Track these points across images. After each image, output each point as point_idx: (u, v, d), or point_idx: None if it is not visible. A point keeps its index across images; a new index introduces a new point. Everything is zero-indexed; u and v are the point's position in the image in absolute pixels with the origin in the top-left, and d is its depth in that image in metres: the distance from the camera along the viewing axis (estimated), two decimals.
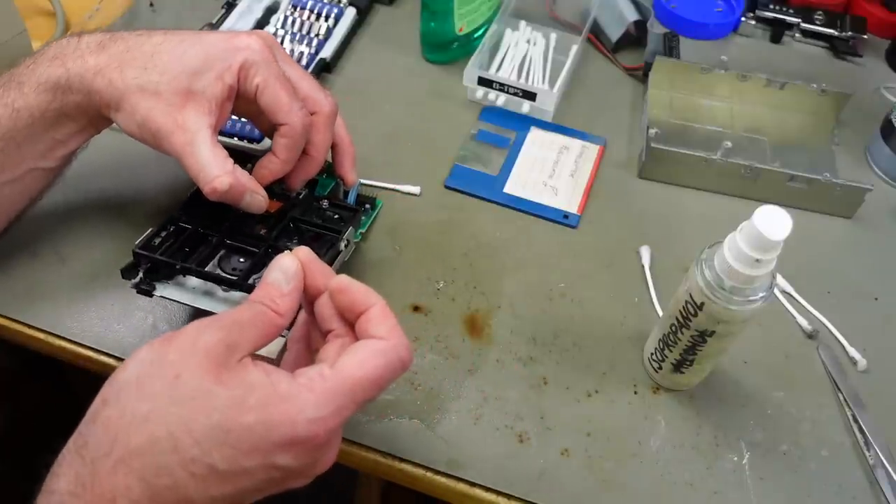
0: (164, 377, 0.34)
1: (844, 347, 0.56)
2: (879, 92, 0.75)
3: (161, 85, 0.46)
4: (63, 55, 0.48)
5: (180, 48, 0.47)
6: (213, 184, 0.46)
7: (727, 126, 0.69)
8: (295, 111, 0.49)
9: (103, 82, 0.47)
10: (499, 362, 0.53)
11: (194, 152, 0.46)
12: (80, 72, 0.47)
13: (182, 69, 0.46)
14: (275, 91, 0.48)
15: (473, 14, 0.71)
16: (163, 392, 0.34)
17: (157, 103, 0.46)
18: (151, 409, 0.34)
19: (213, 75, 0.47)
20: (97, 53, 0.48)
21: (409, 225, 0.60)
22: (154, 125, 0.46)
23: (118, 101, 0.47)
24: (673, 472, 0.49)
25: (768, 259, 0.42)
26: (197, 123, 0.46)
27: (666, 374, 0.52)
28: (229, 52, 0.47)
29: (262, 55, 0.48)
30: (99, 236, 0.57)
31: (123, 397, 0.34)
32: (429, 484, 0.49)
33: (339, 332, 0.40)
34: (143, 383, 0.34)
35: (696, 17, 0.66)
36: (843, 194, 0.63)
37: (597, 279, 0.59)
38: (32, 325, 0.53)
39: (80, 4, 0.74)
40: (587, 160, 0.66)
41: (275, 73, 0.48)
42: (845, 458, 0.51)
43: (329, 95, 0.52)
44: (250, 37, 0.48)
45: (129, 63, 0.47)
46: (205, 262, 0.50)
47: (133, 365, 0.35)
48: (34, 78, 0.48)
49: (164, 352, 0.35)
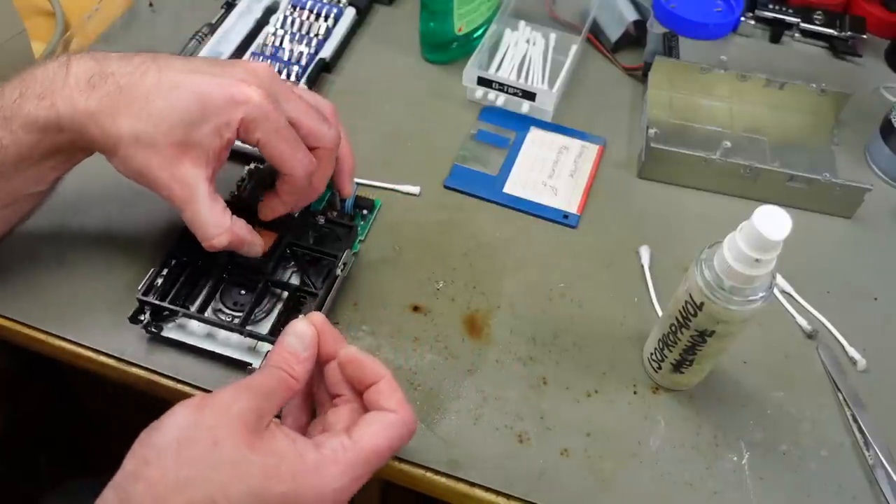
0: (203, 442, 0.37)
1: (844, 347, 0.56)
2: (879, 92, 0.75)
3: (157, 136, 0.44)
4: (52, 92, 0.45)
5: (175, 94, 0.45)
6: (211, 242, 0.47)
7: (727, 126, 0.69)
8: (298, 160, 0.48)
9: (97, 130, 0.45)
10: (498, 362, 0.53)
11: (193, 209, 0.46)
12: (71, 114, 0.45)
13: (178, 119, 0.44)
14: (276, 147, 0.47)
15: (473, 14, 0.71)
16: (202, 457, 0.36)
17: (154, 156, 0.45)
18: (192, 474, 0.36)
19: (211, 128, 0.45)
20: (87, 94, 0.45)
21: (409, 225, 0.60)
22: (151, 176, 0.46)
23: (113, 149, 0.45)
24: (672, 472, 0.49)
25: (768, 259, 0.42)
26: (195, 178, 0.46)
27: (665, 374, 0.52)
28: (228, 106, 0.45)
29: (263, 109, 0.45)
30: (99, 236, 0.57)
31: (164, 459, 0.36)
32: (428, 484, 0.49)
33: (348, 398, 0.43)
34: (183, 447, 0.37)
35: (695, 17, 0.66)
36: (842, 194, 0.63)
37: (596, 279, 0.59)
38: (32, 325, 0.53)
39: (79, 5, 0.74)
40: (587, 160, 0.66)
41: (275, 127, 0.46)
42: (845, 458, 0.51)
43: (332, 126, 0.51)
44: (250, 87, 0.45)
45: (122, 109, 0.45)
46: (208, 300, 0.52)
47: (171, 428, 0.37)
48: (22, 115, 0.45)
49: (201, 417, 0.38)
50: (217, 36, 0.70)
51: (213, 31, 0.71)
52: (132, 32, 0.73)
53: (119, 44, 0.71)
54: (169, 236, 0.57)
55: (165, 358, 0.52)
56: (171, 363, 0.51)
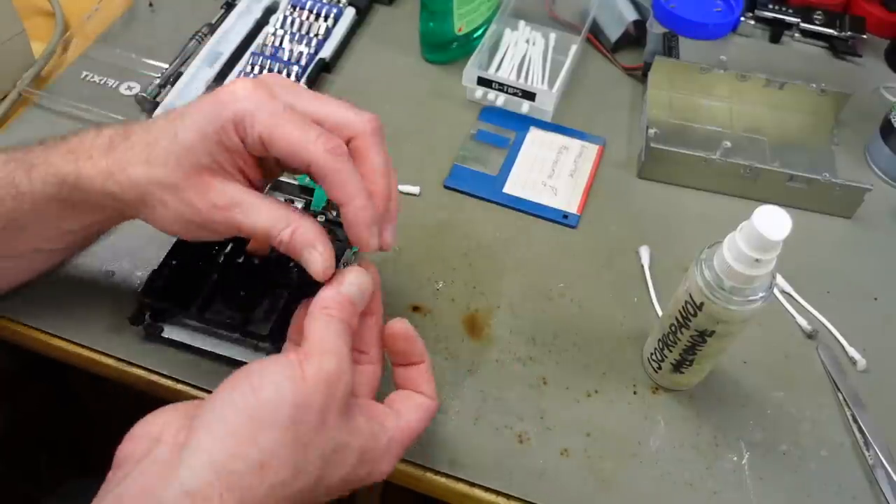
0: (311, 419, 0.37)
1: (844, 347, 0.56)
2: (879, 92, 0.75)
3: (170, 177, 0.42)
4: (78, 151, 0.44)
5: (172, 128, 0.42)
6: (280, 237, 0.41)
7: (726, 126, 0.69)
8: (312, 141, 0.40)
9: (116, 186, 0.43)
10: (498, 362, 0.53)
11: (243, 213, 0.41)
12: (90, 174, 0.43)
13: (181, 150, 0.41)
14: (283, 132, 0.40)
15: (473, 14, 0.71)
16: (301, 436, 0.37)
17: (181, 193, 0.42)
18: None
19: (213, 142, 0.41)
20: (106, 153, 0.43)
21: (409, 225, 0.60)
22: (195, 216, 0.42)
23: (142, 200, 0.43)
24: (672, 472, 0.49)
25: (768, 259, 0.42)
26: (231, 190, 0.42)
27: (665, 374, 0.52)
28: (217, 110, 0.41)
29: (253, 99, 0.41)
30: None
31: None
32: (429, 484, 0.49)
33: (372, 359, 0.44)
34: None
35: (695, 16, 0.66)
36: (842, 194, 0.63)
37: (596, 279, 0.59)
38: (32, 325, 0.53)
39: (79, 5, 0.74)
40: (586, 160, 0.66)
41: (272, 110, 0.40)
42: (845, 458, 0.51)
43: (364, 112, 0.44)
44: (235, 84, 0.42)
45: (132, 160, 0.43)
46: (208, 301, 0.50)
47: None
48: (44, 165, 0.44)
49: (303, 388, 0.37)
50: (217, 36, 0.70)
51: (213, 32, 0.71)
52: (132, 32, 0.73)
53: (118, 44, 0.71)
54: (169, 237, 0.57)
55: (165, 358, 0.52)
56: (170, 363, 0.51)
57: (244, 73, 0.68)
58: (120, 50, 0.71)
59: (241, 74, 0.67)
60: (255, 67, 0.68)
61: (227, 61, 0.69)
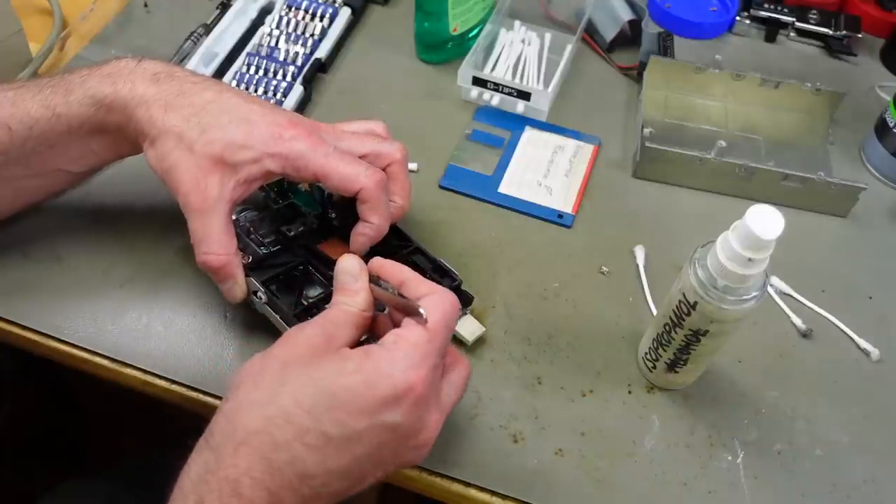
0: (272, 369, 0.39)
1: (854, 340, 0.56)
2: (874, 91, 0.75)
3: (196, 144, 0.46)
4: (117, 74, 0.48)
5: (225, 118, 0.47)
6: (207, 258, 0.47)
7: (722, 125, 0.69)
8: (363, 175, 0.48)
9: (145, 115, 0.47)
10: (493, 362, 0.53)
11: (205, 220, 0.47)
12: (127, 97, 0.47)
13: (222, 136, 0.46)
14: (335, 169, 0.47)
15: (467, 14, 0.71)
16: (272, 379, 0.38)
17: (188, 159, 0.46)
18: (262, 395, 0.38)
19: (252, 155, 0.47)
20: (149, 84, 0.48)
21: (404, 225, 0.60)
22: (177, 177, 0.47)
23: (154, 138, 0.47)
24: (667, 471, 0.49)
25: (761, 258, 0.42)
26: (218, 193, 0.47)
27: (660, 373, 0.52)
28: (272, 140, 0.47)
29: (307, 143, 0.47)
30: (94, 237, 0.57)
31: (240, 392, 0.39)
32: (424, 484, 0.49)
33: None
34: (256, 378, 0.39)
35: (690, 16, 0.66)
36: (837, 193, 0.63)
37: (591, 279, 0.59)
38: (25, 325, 0.53)
39: (77, 4, 0.73)
40: (582, 160, 0.66)
41: (325, 152, 0.48)
42: (839, 458, 0.51)
43: (391, 141, 0.52)
44: (295, 128, 0.48)
45: (175, 107, 0.47)
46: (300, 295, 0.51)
47: (245, 368, 0.40)
48: (83, 89, 0.48)
49: (269, 351, 0.40)
50: (212, 36, 0.70)
51: (209, 32, 0.71)
52: (127, 33, 0.73)
53: (114, 44, 0.71)
54: (164, 237, 0.57)
55: (160, 358, 0.52)
56: (165, 363, 0.51)
57: (240, 73, 0.68)
58: (115, 50, 0.71)
59: (237, 75, 0.67)
60: (251, 68, 0.68)
61: (223, 62, 0.69)
